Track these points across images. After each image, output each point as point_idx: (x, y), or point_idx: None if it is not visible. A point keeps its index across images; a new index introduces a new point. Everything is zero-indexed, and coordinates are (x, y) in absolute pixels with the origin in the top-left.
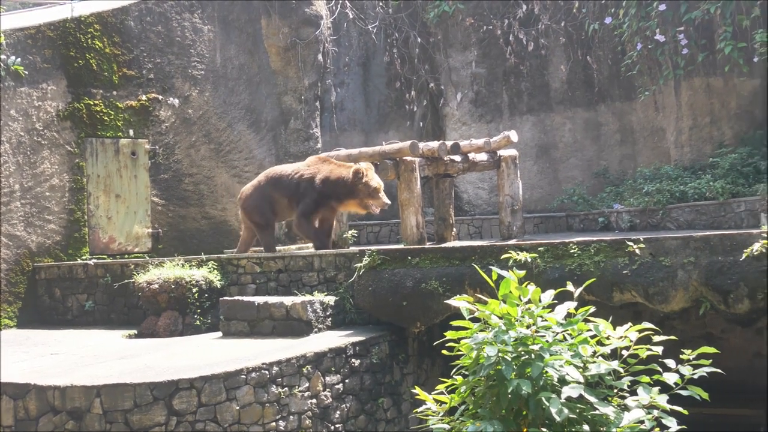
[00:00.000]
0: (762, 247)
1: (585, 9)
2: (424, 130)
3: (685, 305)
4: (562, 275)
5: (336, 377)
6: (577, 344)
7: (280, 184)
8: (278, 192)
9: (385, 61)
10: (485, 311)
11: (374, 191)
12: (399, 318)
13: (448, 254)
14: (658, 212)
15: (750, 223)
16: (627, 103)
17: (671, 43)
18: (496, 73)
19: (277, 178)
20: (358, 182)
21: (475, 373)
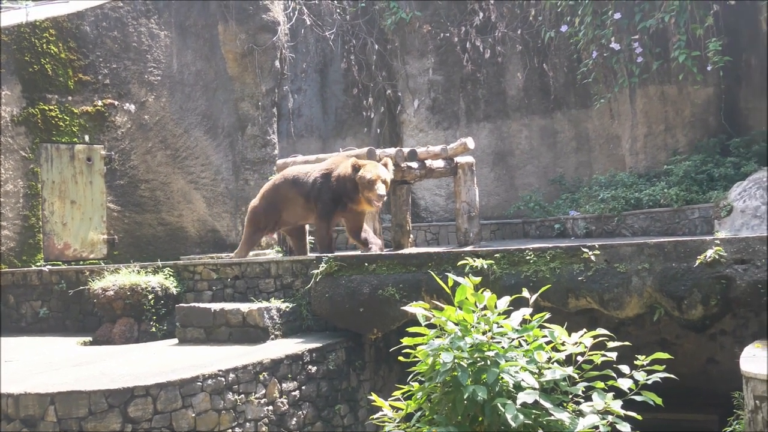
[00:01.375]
0: (715, 254)
1: (541, 17)
2: (381, 137)
3: (640, 311)
4: (518, 282)
5: (292, 384)
6: (532, 350)
7: (297, 183)
8: (294, 191)
9: (343, 68)
10: (441, 318)
11: (369, 183)
12: (356, 325)
13: (404, 261)
14: (613, 219)
15: (704, 229)
16: (583, 110)
17: (626, 52)
18: (453, 80)
19: (295, 177)
20: (354, 174)
21: (431, 379)
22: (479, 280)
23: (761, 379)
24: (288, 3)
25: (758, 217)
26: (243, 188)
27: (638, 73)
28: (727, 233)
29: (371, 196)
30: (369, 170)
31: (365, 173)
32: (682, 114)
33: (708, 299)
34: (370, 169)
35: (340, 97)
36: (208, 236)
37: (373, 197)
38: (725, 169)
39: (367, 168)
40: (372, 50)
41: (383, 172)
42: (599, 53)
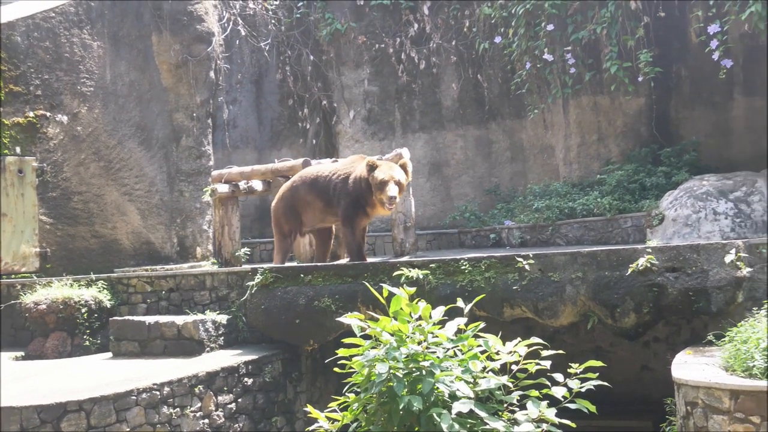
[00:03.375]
0: (647, 262)
1: (475, 28)
2: (317, 148)
3: (574, 320)
4: (454, 291)
5: (229, 396)
6: (467, 360)
7: (316, 185)
8: (313, 194)
9: (278, 79)
10: (376, 328)
11: (381, 184)
12: (292, 336)
13: (340, 272)
14: (547, 228)
15: (636, 238)
16: (517, 121)
17: (559, 63)
18: (389, 90)
19: (314, 179)
20: (369, 175)
21: (366, 390)
22: (414, 290)
23: (692, 385)
24: (223, 14)
25: (689, 225)
26: (178, 200)
27: (571, 83)
28: (659, 242)
29: (383, 198)
30: (382, 170)
31: (378, 173)
32: (614, 124)
33: (640, 307)
34: (383, 169)
35: (276, 108)
36: (142, 248)
37: (384, 199)
38: (657, 179)
39: (381, 168)
40: (307, 61)
41: (397, 173)
42: (533, 64)
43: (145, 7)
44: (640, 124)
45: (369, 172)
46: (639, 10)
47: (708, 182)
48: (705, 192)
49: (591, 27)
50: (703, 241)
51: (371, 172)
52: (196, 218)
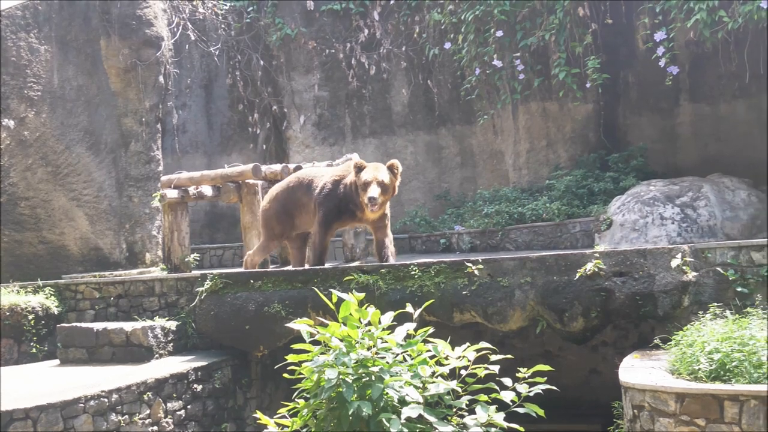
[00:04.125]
0: (595, 267)
1: (425, 34)
2: (267, 153)
3: (523, 324)
4: (404, 297)
5: (178, 403)
6: (416, 365)
7: (309, 187)
8: (307, 196)
9: (228, 84)
10: (326, 334)
11: (364, 185)
12: (242, 342)
13: (290, 277)
14: (497, 233)
15: (585, 243)
16: (467, 126)
17: (508, 69)
18: (339, 96)
19: (309, 180)
20: (356, 177)
21: (316, 396)
22: (363, 295)
23: (639, 388)
24: (172, 18)
25: (637, 230)
26: (127, 205)
27: (520, 89)
28: (607, 246)
29: (364, 199)
30: (368, 171)
31: (363, 174)
32: (563, 130)
33: (588, 311)
34: (369, 170)
35: (226, 113)
36: (91, 254)
37: (366, 200)
38: (605, 184)
39: (367, 169)
40: (257, 66)
41: (382, 174)
42: (482, 70)
43: (94, 11)
44: (589, 130)
45: (356, 174)
46: (587, 17)
47: (655, 187)
48: (652, 197)
49: (539, 33)
50: (650, 246)
51: (359, 173)
52: (146, 224)
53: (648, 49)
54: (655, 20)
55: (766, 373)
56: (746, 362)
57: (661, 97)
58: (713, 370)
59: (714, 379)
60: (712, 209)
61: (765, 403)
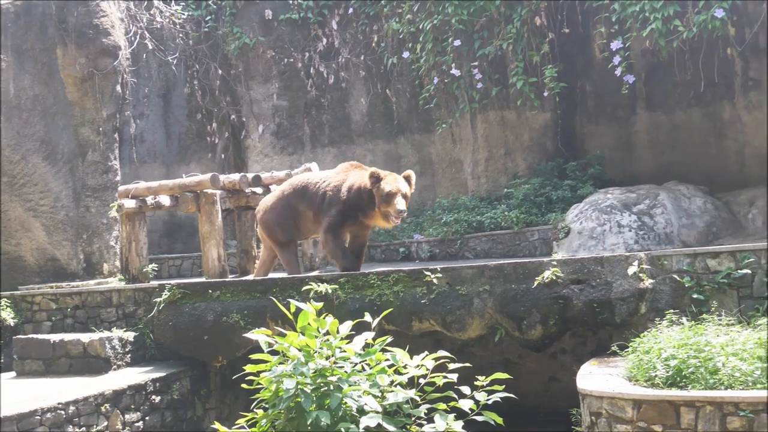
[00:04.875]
0: (552, 275)
1: (384, 43)
2: (226, 162)
3: (482, 332)
4: (363, 306)
5: (136, 415)
6: (375, 374)
7: (306, 194)
8: (304, 203)
9: (186, 93)
10: (284, 344)
11: (388, 196)
12: (200, 353)
13: (249, 287)
14: (456, 242)
15: (543, 251)
16: (426, 135)
17: (467, 78)
18: (298, 105)
19: (304, 187)
20: (373, 186)
21: (274, 406)
22: (321, 305)
23: (596, 395)
24: (129, 27)
25: (594, 238)
26: (84, 216)
27: (478, 98)
28: (565, 254)
29: (389, 210)
30: (389, 182)
31: (385, 185)
32: (521, 138)
33: (546, 319)
34: (390, 181)
35: (184, 123)
36: (48, 265)
37: (392, 212)
38: (563, 192)
39: (387, 180)
40: (216, 75)
41: (404, 186)
42: (440, 79)
43: (50, 21)
44: (546, 139)
45: (373, 183)
46: (544, 27)
47: (612, 195)
48: (609, 205)
49: (497, 43)
50: (607, 254)
51: (376, 183)
52: (103, 234)
53: (604, 58)
54: (612, 29)
55: (721, 379)
56: (702, 368)
57: (617, 105)
58: (670, 377)
59: (670, 386)
60: (668, 217)
61: (720, 408)
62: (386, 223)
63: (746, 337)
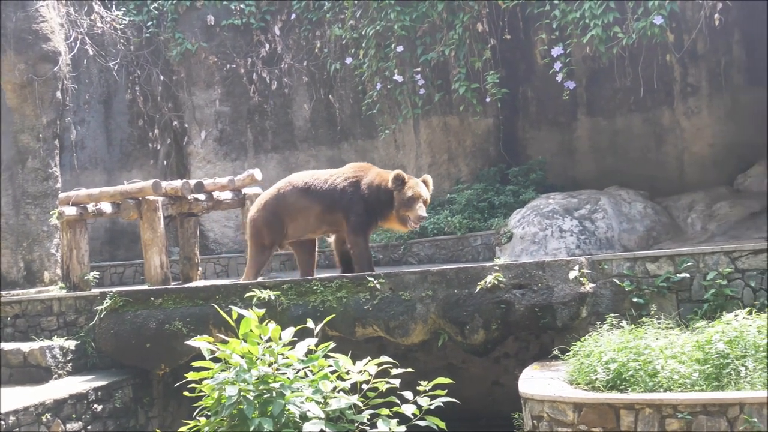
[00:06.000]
0: (495, 279)
1: (326, 49)
2: (168, 169)
3: (425, 337)
4: (306, 312)
5: (77, 424)
6: (317, 380)
7: (311, 189)
8: (307, 198)
9: (128, 99)
10: (226, 351)
11: (410, 201)
12: (143, 361)
13: (191, 294)
14: (399, 247)
15: (486, 256)
16: (369, 141)
17: (409, 84)
18: (241, 111)
19: (307, 183)
20: (395, 189)
21: (217, 413)
22: (264, 311)
23: (538, 399)
24: (70, 33)
25: (536, 242)
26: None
27: (421, 104)
28: (507, 259)
29: (409, 215)
30: (412, 187)
31: (408, 189)
32: (464, 144)
33: (489, 324)
34: (412, 185)
35: (126, 129)
36: None
37: (412, 218)
38: (505, 197)
39: (410, 184)
40: (158, 81)
41: (425, 191)
42: (383, 85)
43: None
44: (489, 144)
45: (395, 186)
46: (486, 33)
47: (554, 200)
48: (551, 210)
49: (440, 49)
50: (549, 258)
51: (400, 186)
52: (44, 242)
53: (546, 64)
54: (552, 36)
55: (660, 381)
56: (642, 371)
57: (559, 111)
58: (610, 380)
59: (611, 389)
60: (609, 221)
61: (659, 411)
62: (402, 227)
63: (685, 340)
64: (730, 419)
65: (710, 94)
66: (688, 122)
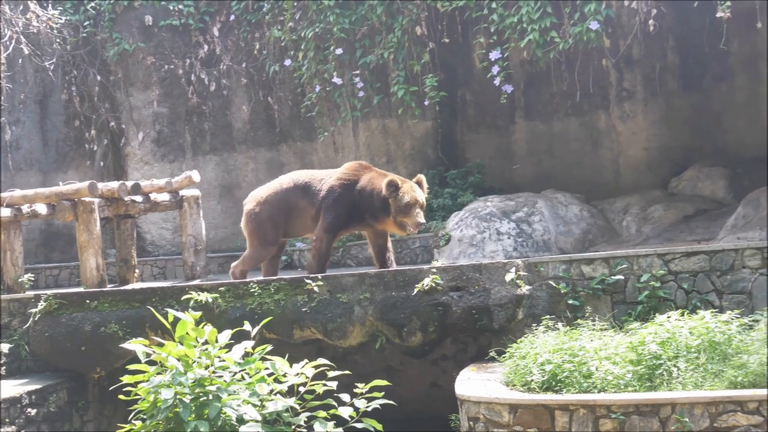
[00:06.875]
0: (432, 282)
1: (266, 51)
2: (105, 170)
3: (363, 340)
4: (243, 314)
5: (11, 428)
6: (254, 383)
7: (309, 189)
8: (306, 199)
9: (64, 99)
10: (162, 354)
11: (406, 207)
12: (78, 364)
13: (128, 296)
14: (338, 250)
15: (424, 258)
16: (308, 143)
17: (348, 86)
18: (179, 112)
19: (307, 182)
20: (390, 195)
21: (153, 416)
22: (200, 314)
23: (474, 401)
24: (4, 31)
25: (474, 245)
26: None
27: (360, 107)
28: (445, 262)
29: (407, 221)
30: (407, 192)
31: (403, 196)
32: (402, 147)
33: (426, 326)
34: (407, 190)
35: (62, 129)
36: None
37: (410, 224)
38: (443, 200)
39: (404, 189)
40: (94, 81)
41: (420, 195)
42: (322, 87)
43: None
44: (428, 147)
45: (390, 193)
46: (424, 36)
47: (492, 203)
48: (489, 213)
49: (379, 52)
50: (486, 261)
51: (394, 192)
52: None
53: (484, 68)
54: (491, 40)
55: (594, 382)
56: (576, 372)
57: (497, 114)
58: (545, 381)
59: (546, 390)
60: (546, 224)
61: (593, 411)
62: (401, 232)
63: (619, 341)
64: (662, 419)
65: (645, 99)
66: (624, 126)
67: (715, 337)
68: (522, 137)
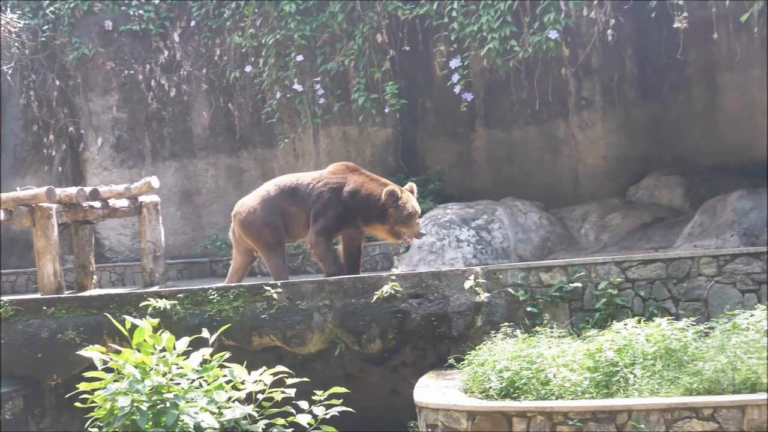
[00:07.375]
0: (391, 289)
1: (226, 57)
2: (63, 176)
3: (322, 347)
4: (202, 321)
5: None
6: (212, 390)
7: (297, 194)
8: (295, 205)
9: (22, 104)
10: (119, 361)
11: (408, 218)
12: (34, 371)
13: (85, 303)
14: (298, 257)
15: (384, 265)
16: (268, 149)
17: (309, 93)
18: (138, 118)
19: (293, 187)
20: (391, 206)
21: (110, 424)
22: (158, 321)
23: (432, 408)
24: None
25: (434, 252)
26: None
27: (321, 114)
28: (405, 269)
29: (407, 232)
30: (406, 201)
31: (404, 206)
32: (363, 154)
33: (385, 333)
34: (406, 200)
35: (19, 134)
36: None
37: (410, 234)
38: None
39: (403, 198)
40: (53, 86)
41: (417, 205)
42: (283, 94)
43: None
44: (388, 154)
45: (392, 202)
46: (385, 44)
47: (452, 211)
48: (449, 220)
49: (339, 59)
50: (446, 268)
51: (395, 202)
52: None
53: (444, 76)
54: (451, 48)
55: (552, 389)
56: (534, 379)
57: (457, 122)
58: (503, 388)
59: (504, 397)
60: (505, 231)
61: (551, 418)
62: (394, 239)
63: (576, 348)
64: (619, 425)
65: (604, 108)
66: (583, 135)
67: (671, 344)
68: (482, 145)
